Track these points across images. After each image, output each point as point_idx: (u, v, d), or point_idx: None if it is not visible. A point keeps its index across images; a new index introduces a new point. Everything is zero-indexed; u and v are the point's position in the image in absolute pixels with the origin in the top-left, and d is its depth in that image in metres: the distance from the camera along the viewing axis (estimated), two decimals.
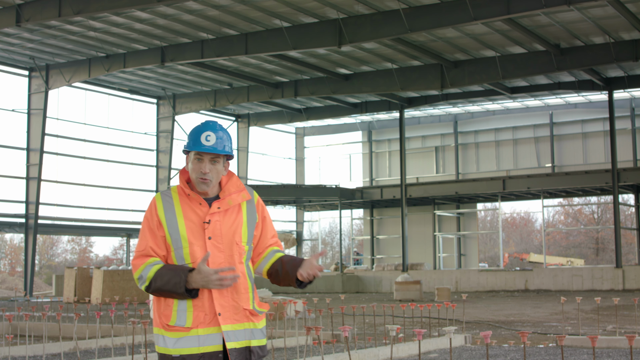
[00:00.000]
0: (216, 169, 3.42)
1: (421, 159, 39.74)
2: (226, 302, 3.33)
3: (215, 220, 3.38)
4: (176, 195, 3.44)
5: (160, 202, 3.43)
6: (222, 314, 3.32)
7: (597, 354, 9.25)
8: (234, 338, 3.32)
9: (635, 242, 35.48)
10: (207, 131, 3.42)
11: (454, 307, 10.73)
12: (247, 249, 3.45)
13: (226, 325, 3.31)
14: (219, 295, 3.32)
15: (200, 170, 3.38)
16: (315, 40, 23.54)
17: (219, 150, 3.40)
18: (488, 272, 31.66)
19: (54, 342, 10.75)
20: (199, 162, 3.40)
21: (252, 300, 3.41)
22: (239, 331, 3.34)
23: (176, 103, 34.35)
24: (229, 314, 3.33)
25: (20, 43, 26.49)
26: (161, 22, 23.92)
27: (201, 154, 3.40)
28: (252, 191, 3.56)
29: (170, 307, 3.34)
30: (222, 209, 3.41)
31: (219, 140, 3.42)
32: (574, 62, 25.96)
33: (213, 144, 3.40)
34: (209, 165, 3.40)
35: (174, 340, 3.31)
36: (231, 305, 3.34)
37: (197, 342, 3.30)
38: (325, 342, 10.33)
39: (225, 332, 3.30)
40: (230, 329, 3.32)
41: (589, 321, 14.30)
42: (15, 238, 51.45)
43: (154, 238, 3.39)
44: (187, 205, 3.42)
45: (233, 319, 3.33)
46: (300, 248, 42.62)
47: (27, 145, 29.18)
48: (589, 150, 35.66)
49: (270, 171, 41.45)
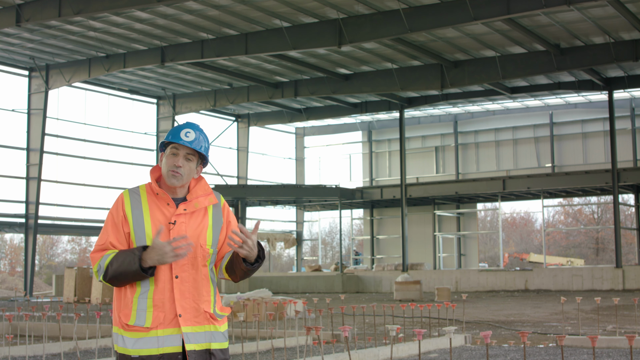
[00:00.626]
0: (189, 167, 3.43)
1: (421, 159, 39.74)
2: (187, 303, 3.33)
3: (180, 222, 3.38)
4: (144, 194, 3.44)
5: (128, 199, 3.42)
6: (183, 315, 3.31)
7: (597, 354, 9.25)
8: (193, 340, 3.31)
9: (635, 242, 35.48)
10: (188, 128, 3.45)
11: (454, 307, 10.73)
12: (212, 252, 3.43)
13: (186, 327, 3.31)
14: (180, 297, 3.32)
15: (174, 163, 3.39)
16: (315, 40, 23.54)
17: (195, 147, 3.42)
18: (488, 272, 31.66)
19: (54, 342, 10.75)
20: (173, 156, 3.41)
21: (213, 303, 3.40)
22: (199, 333, 3.33)
23: (176, 103, 34.35)
24: (190, 315, 3.32)
25: (20, 43, 26.49)
26: (161, 22, 23.92)
27: (177, 148, 3.41)
28: (219, 195, 3.56)
29: (129, 307, 3.33)
30: (189, 211, 3.41)
31: (197, 139, 3.44)
32: (574, 62, 25.96)
33: (191, 140, 3.42)
34: (183, 160, 3.41)
35: (133, 341, 3.30)
36: (192, 307, 3.33)
37: (157, 342, 3.29)
38: (325, 342, 10.33)
39: (185, 333, 3.30)
40: (190, 330, 3.31)
41: (589, 321, 14.29)
42: (15, 238, 51.45)
43: (115, 233, 3.39)
44: (154, 204, 3.41)
45: (194, 321, 3.33)
46: (300, 248, 42.62)
47: (27, 145, 29.18)
48: (589, 150, 35.67)
49: (270, 171, 41.46)
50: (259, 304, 12.81)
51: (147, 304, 3.31)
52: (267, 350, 10.33)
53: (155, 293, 3.32)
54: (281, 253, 53.52)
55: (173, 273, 3.34)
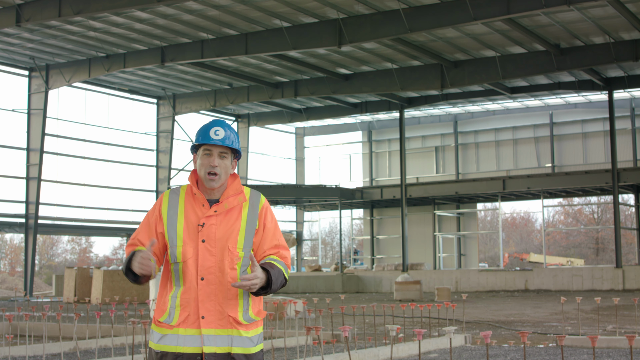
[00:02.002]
0: (225, 164, 3.41)
1: (421, 159, 39.74)
2: (212, 306, 3.32)
3: (210, 224, 3.37)
4: (183, 194, 3.46)
5: (167, 199, 3.45)
6: (206, 317, 3.31)
7: (597, 354, 9.25)
8: (213, 343, 3.30)
9: (635, 242, 35.49)
10: (216, 126, 3.44)
11: (454, 307, 10.73)
12: (242, 255, 3.38)
13: (207, 329, 3.31)
14: (206, 299, 3.32)
15: (210, 164, 3.39)
16: (315, 40, 23.54)
17: (228, 144, 3.41)
18: (488, 272, 31.66)
19: (54, 342, 10.75)
20: (207, 157, 3.40)
21: (241, 308, 3.36)
22: (219, 337, 3.31)
23: (176, 103, 34.35)
24: (213, 318, 3.31)
25: (20, 43, 26.49)
26: (161, 22, 23.92)
27: (210, 147, 3.40)
28: (259, 196, 3.50)
29: (165, 304, 3.38)
30: (219, 212, 3.39)
31: (228, 136, 3.43)
32: (574, 62, 25.96)
33: (222, 137, 3.41)
34: (218, 159, 3.40)
35: (159, 336, 3.36)
36: (216, 309, 3.32)
37: (177, 341, 3.31)
38: (325, 342, 10.33)
39: (205, 335, 3.30)
40: (210, 333, 3.31)
41: (589, 321, 14.29)
42: (15, 238, 51.47)
43: (147, 231, 3.43)
44: (190, 205, 3.42)
45: (216, 323, 3.32)
46: (300, 248, 42.63)
47: (27, 145, 29.18)
48: (589, 150, 35.67)
49: (270, 171, 41.47)
50: None
51: (176, 303, 3.35)
52: (267, 350, 10.33)
53: (183, 293, 3.35)
54: None
55: (199, 275, 3.34)
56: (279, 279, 3.36)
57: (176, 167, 35.21)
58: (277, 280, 3.34)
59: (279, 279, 3.35)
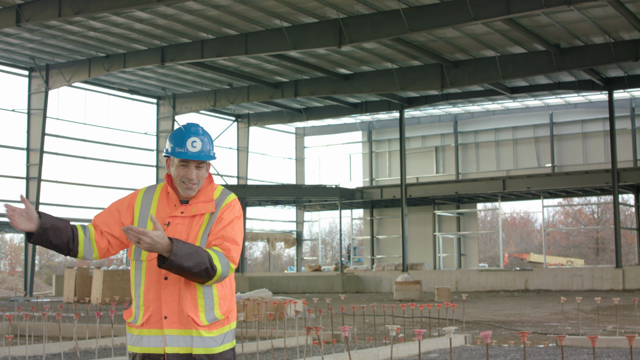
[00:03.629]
0: (201, 174, 3.41)
1: (421, 159, 39.74)
2: (173, 306, 3.31)
3: (176, 224, 3.38)
4: (159, 191, 3.48)
5: (141, 195, 3.47)
6: (168, 317, 3.31)
7: (597, 354, 9.24)
8: (175, 343, 3.30)
9: (635, 242, 35.47)
10: (193, 137, 3.37)
11: (454, 307, 10.73)
12: None
13: (169, 330, 3.30)
14: (169, 298, 3.31)
15: (186, 176, 3.36)
16: (315, 40, 23.54)
17: (205, 158, 3.37)
18: (488, 272, 31.66)
19: (54, 342, 10.75)
20: (184, 168, 3.37)
21: (202, 308, 3.32)
22: (181, 337, 3.30)
23: (176, 103, 34.35)
24: (175, 318, 3.31)
25: (20, 43, 26.49)
26: (161, 22, 23.92)
27: (187, 160, 3.37)
28: (227, 195, 3.46)
29: (133, 305, 3.42)
30: (186, 214, 3.39)
31: (204, 145, 3.38)
32: (574, 62, 25.96)
33: (199, 150, 3.36)
34: (195, 171, 3.38)
35: (130, 337, 3.39)
36: (177, 309, 3.31)
37: (142, 341, 3.33)
38: (325, 342, 10.33)
39: (167, 336, 3.30)
40: (172, 333, 3.30)
41: (589, 321, 14.29)
42: (15, 238, 51.45)
43: (108, 216, 3.45)
44: (163, 203, 3.44)
45: (178, 323, 3.31)
46: (300, 248, 42.62)
47: (27, 145, 29.18)
48: (589, 150, 35.67)
49: (270, 171, 41.46)
50: (259, 304, 12.81)
51: (139, 303, 3.36)
52: (267, 350, 10.33)
53: (145, 292, 3.35)
54: (281, 253, 53.55)
55: (162, 274, 3.33)
56: (195, 258, 3.18)
57: None
58: (189, 257, 3.16)
59: (193, 257, 3.17)
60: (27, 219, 3.27)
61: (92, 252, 3.41)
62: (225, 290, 3.41)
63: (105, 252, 3.45)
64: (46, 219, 3.30)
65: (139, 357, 3.34)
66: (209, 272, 3.23)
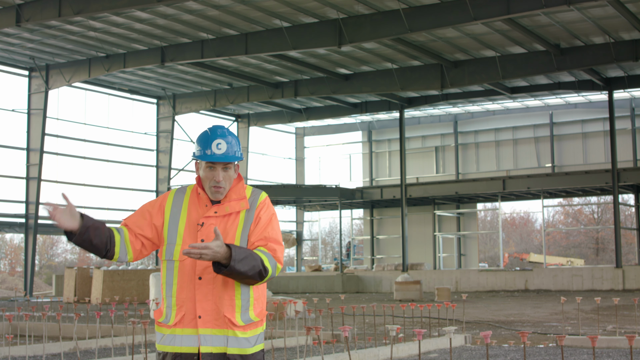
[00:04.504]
0: (229, 176, 3.41)
1: (421, 159, 39.74)
2: (209, 306, 3.32)
3: (209, 224, 3.39)
4: (189, 193, 3.49)
5: (172, 197, 3.49)
6: (203, 317, 3.32)
7: (597, 354, 9.24)
8: (209, 342, 3.31)
9: (635, 242, 35.48)
10: (218, 139, 3.39)
11: (454, 307, 10.73)
12: None
13: (204, 329, 3.31)
14: (203, 298, 3.32)
15: (214, 179, 3.37)
16: (315, 40, 23.53)
17: (232, 158, 3.39)
18: (488, 272, 31.66)
19: (54, 342, 10.75)
20: (211, 171, 3.39)
21: (238, 308, 3.34)
22: (216, 337, 3.32)
23: (176, 103, 34.35)
24: (210, 318, 3.32)
25: (20, 43, 26.49)
26: (161, 22, 23.92)
27: (214, 162, 3.38)
28: (259, 194, 3.49)
29: (163, 305, 3.42)
30: (219, 214, 3.40)
31: (230, 146, 3.39)
32: (574, 62, 25.95)
33: (225, 152, 3.38)
34: (222, 173, 3.39)
35: (160, 337, 3.39)
36: (213, 309, 3.32)
37: (174, 341, 3.34)
38: (325, 342, 10.33)
39: (202, 335, 3.31)
40: (207, 332, 3.32)
41: (589, 321, 14.29)
42: (15, 238, 51.46)
43: (140, 218, 3.47)
44: (194, 204, 3.45)
45: (213, 323, 3.32)
46: (300, 248, 42.63)
47: (27, 145, 29.17)
48: (589, 150, 35.66)
49: (270, 171, 41.46)
50: None
51: (172, 302, 3.37)
52: (267, 350, 10.33)
53: (178, 292, 3.36)
54: None
55: (196, 274, 3.34)
56: (250, 261, 3.22)
57: (176, 167, 35.20)
58: (245, 261, 3.20)
59: (248, 261, 3.22)
60: (70, 217, 3.29)
61: (127, 253, 3.44)
62: (259, 292, 3.44)
63: (139, 253, 3.48)
64: (88, 218, 3.34)
65: (170, 356, 3.34)
66: (262, 274, 3.28)
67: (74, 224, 3.28)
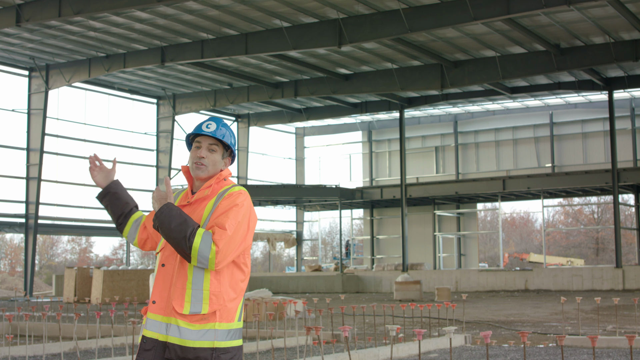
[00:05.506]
0: (213, 157, 3.50)
1: (421, 159, 39.74)
2: (164, 292, 3.39)
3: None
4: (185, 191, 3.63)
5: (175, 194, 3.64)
6: (157, 302, 3.39)
7: (597, 354, 9.24)
8: (153, 328, 3.38)
9: (635, 242, 35.48)
10: (210, 121, 3.55)
11: (454, 307, 10.73)
12: None
13: (152, 315, 3.39)
14: (160, 285, 3.41)
15: (197, 155, 3.50)
16: (315, 40, 23.54)
17: (217, 135, 3.49)
18: (488, 272, 31.66)
19: (54, 342, 10.75)
20: (196, 149, 3.53)
21: (188, 298, 3.32)
22: (161, 323, 3.36)
23: (176, 103, 34.35)
24: (162, 304, 3.38)
25: (20, 43, 26.49)
26: (161, 22, 23.92)
27: (200, 139, 3.51)
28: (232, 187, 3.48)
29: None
30: (191, 202, 3.50)
31: (220, 130, 3.52)
32: (574, 62, 25.96)
33: (213, 130, 3.50)
34: (206, 151, 3.50)
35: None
36: (165, 296, 3.38)
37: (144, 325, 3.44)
38: (325, 342, 10.33)
39: (148, 320, 3.39)
40: (153, 318, 3.38)
41: (589, 321, 14.29)
42: (15, 238, 51.45)
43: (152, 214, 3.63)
44: (184, 196, 3.58)
45: (163, 310, 3.37)
46: (300, 248, 42.62)
47: (27, 145, 29.18)
48: (589, 150, 35.66)
49: (270, 171, 41.46)
50: (259, 304, 12.81)
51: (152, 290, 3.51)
52: (267, 350, 10.33)
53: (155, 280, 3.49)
54: (281, 253, 53.54)
55: (161, 261, 3.45)
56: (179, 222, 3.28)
57: (176, 167, 35.20)
58: (173, 219, 3.29)
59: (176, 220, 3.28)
60: (104, 178, 3.73)
61: (134, 237, 3.66)
62: (221, 288, 3.36)
63: (143, 243, 3.67)
64: (114, 185, 3.71)
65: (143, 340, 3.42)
66: (186, 241, 3.26)
67: (102, 183, 3.72)
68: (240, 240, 3.38)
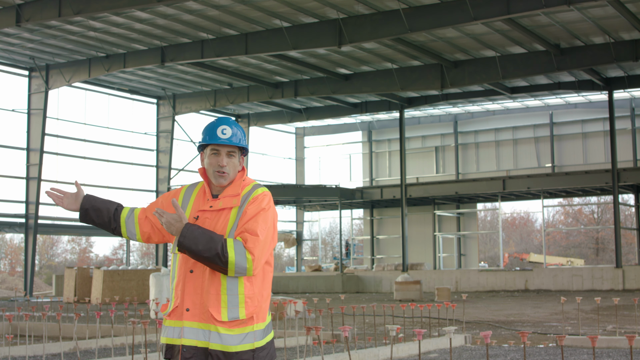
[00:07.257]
0: (233, 163, 3.49)
1: (421, 159, 39.74)
2: (197, 299, 3.36)
3: (204, 217, 3.44)
4: (199, 187, 3.58)
5: (183, 192, 3.59)
6: (191, 309, 3.36)
7: (597, 354, 9.24)
8: (191, 336, 3.34)
9: (635, 242, 35.48)
10: (223, 125, 3.49)
11: (454, 307, 10.73)
12: None
13: (189, 322, 3.36)
14: (192, 291, 3.37)
15: (218, 164, 3.46)
16: (315, 40, 23.54)
17: (235, 142, 3.47)
18: (488, 272, 31.66)
19: (54, 342, 10.74)
20: (215, 156, 3.48)
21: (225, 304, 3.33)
22: (199, 330, 3.34)
23: (176, 103, 34.35)
24: (197, 311, 3.35)
25: (20, 43, 26.49)
26: (161, 22, 23.92)
27: (218, 147, 3.47)
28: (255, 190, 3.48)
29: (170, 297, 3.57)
30: (214, 208, 3.45)
31: (234, 134, 3.49)
32: (574, 62, 25.96)
33: (229, 136, 3.47)
34: (226, 158, 3.47)
35: (163, 328, 3.48)
36: (200, 303, 3.36)
37: (167, 332, 3.41)
38: (325, 342, 10.33)
39: (185, 328, 3.35)
40: (190, 326, 3.35)
41: (589, 321, 14.29)
42: (15, 238, 51.45)
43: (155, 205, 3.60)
44: (199, 197, 3.53)
45: (199, 317, 3.35)
46: (300, 248, 42.62)
47: (27, 145, 29.18)
48: (589, 150, 35.66)
49: (270, 171, 41.47)
50: None
51: (172, 295, 3.48)
52: None
53: (176, 285, 3.44)
54: (281, 253, 53.55)
55: (188, 267, 3.41)
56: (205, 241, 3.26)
57: (176, 167, 35.21)
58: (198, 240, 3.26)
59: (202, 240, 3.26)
60: (75, 201, 3.63)
61: (136, 233, 3.61)
62: (254, 290, 3.39)
63: (147, 236, 3.61)
64: (87, 200, 3.62)
65: (164, 347, 3.40)
66: (220, 257, 3.26)
67: (75, 206, 3.62)
68: (270, 242, 3.44)
